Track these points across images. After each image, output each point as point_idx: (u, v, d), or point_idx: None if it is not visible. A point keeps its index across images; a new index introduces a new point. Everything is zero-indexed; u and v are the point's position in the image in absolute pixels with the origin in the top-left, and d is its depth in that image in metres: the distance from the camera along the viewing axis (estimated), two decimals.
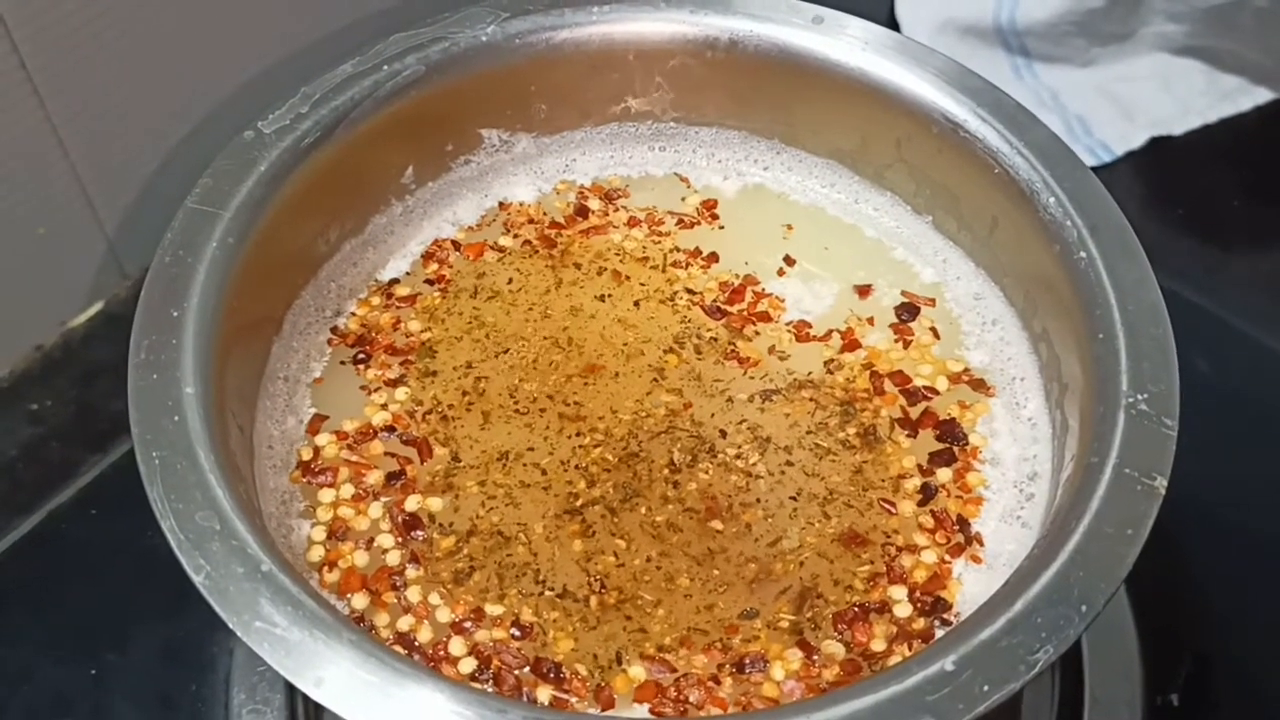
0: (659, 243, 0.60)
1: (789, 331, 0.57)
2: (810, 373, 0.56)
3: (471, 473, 0.53)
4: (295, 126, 0.53)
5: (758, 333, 0.57)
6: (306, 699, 0.59)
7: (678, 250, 0.60)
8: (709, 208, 0.62)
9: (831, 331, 0.57)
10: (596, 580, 0.49)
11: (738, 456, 0.53)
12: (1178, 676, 0.60)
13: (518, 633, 0.48)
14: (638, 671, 0.47)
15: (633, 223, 0.61)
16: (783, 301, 0.58)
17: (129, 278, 0.74)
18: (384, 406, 0.54)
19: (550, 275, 0.59)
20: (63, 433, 0.70)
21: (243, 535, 0.43)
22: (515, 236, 0.61)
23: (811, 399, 0.55)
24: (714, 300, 0.58)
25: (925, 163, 0.58)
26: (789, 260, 0.60)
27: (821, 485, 0.52)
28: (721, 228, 0.61)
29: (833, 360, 0.56)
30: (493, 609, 0.49)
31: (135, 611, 0.62)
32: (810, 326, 0.57)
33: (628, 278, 0.59)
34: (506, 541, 0.50)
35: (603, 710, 0.46)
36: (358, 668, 0.40)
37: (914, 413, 0.54)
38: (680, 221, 0.61)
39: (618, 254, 0.60)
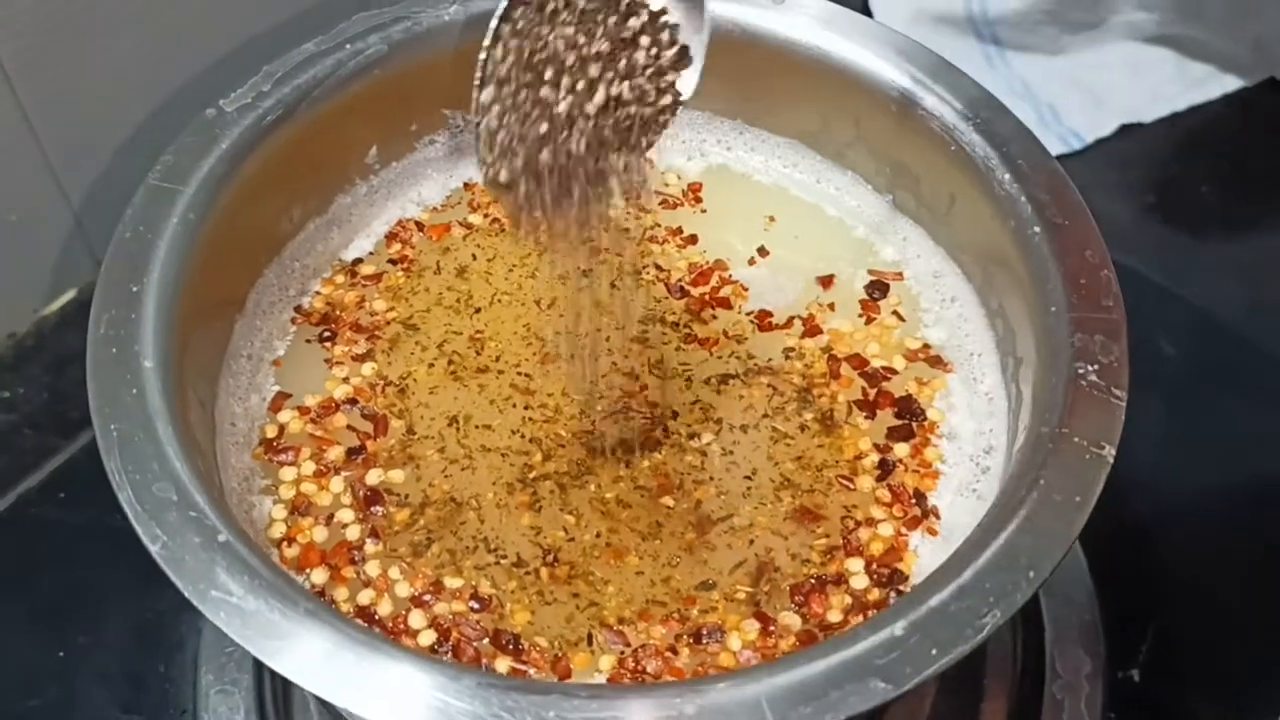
0: (640, 218, 0.61)
1: (751, 321, 0.57)
2: (770, 359, 0.56)
3: (428, 442, 0.53)
4: (257, 105, 0.53)
5: (715, 317, 0.57)
6: (274, 678, 0.59)
7: (658, 226, 0.60)
8: (694, 190, 0.62)
9: (793, 319, 0.57)
10: (549, 554, 0.50)
11: (690, 436, 0.53)
12: (1139, 652, 0.60)
13: (476, 605, 0.48)
14: (607, 661, 0.47)
15: None
16: (746, 290, 0.58)
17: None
18: (345, 380, 0.55)
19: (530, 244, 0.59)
20: (35, 420, 0.70)
21: (200, 506, 0.43)
22: (486, 215, 0.61)
23: (769, 384, 0.55)
24: (679, 280, 0.59)
25: (884, 141, 0.58)
26: (763, 251, 0.60)
27: (776, 470, 0.52)
28: (704, 211, 0.62)
29: (793, 348, 0.56)
30: (452, 581, 0.49)
31: (104, 594, 0.62)
32: (771, 315, 0.57)
33: (606, 249, 0.59)
34: (459, 508, 0.51)
35: (559, 679, 0.46)
36: (315, 636, 0.40)
37: (872, 394, 0.55)
38: (664, 202, 0.61)
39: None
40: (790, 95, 0.60)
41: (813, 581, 0.49)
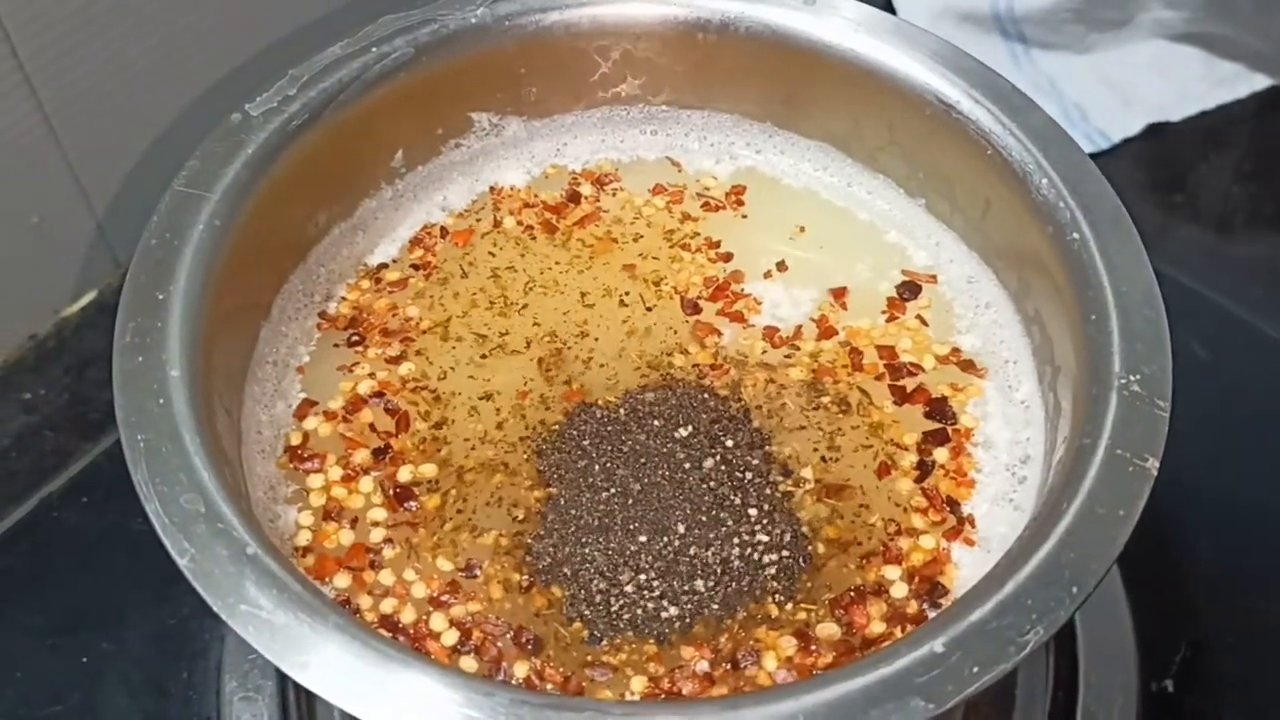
0: (683, 225, 0.60)
1: (762, 339, 0.56)
2: (764, 352, 0.55)
3: (460, 425, 0.53)
4: (283, 109, 0.53)
5: (720, 336, 0.56)
6: (298, 686, 0.58)
7: (698, 235, 0.60)
8: (737, 193, 0.61)
9: (800, 328, 0.56)
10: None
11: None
12: (1172, 663, 0.59)
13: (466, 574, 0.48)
14: (639, 683, 0.46)
15: (657, 190, 0.61)
16: (760, 304, 0.57)
17: (122, 266, 0.74)
18: (371, 375, 0.54)
19: (580, 247, 0.59)
20: (56, 422, 0.70)
21: (228, 518, 0.42)
22: (519, 223, 0.60)
23: (768, 379, 0.54)
24: (696, 296, 0.57)
25: (918, 145, 0.58)
26: (782, 266, 0.59)
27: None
28: (745, 216, 0.61)
29: (791, 353, 0.55)
30: (444, 563, 0.49)
31: (127, 599, 0.62)
32: (778, 330, 0.56)
33: (641, 255, 0.59)
34: (492, 469, 0.51)
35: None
36: (344, 651, 0.40)
37: (904, 385, 0.54)
38: (706, 204, 0.61)
39: (638, 218, 0.60)
40: (822, 98, 0.59)
41: (852, 593, 0.48)
